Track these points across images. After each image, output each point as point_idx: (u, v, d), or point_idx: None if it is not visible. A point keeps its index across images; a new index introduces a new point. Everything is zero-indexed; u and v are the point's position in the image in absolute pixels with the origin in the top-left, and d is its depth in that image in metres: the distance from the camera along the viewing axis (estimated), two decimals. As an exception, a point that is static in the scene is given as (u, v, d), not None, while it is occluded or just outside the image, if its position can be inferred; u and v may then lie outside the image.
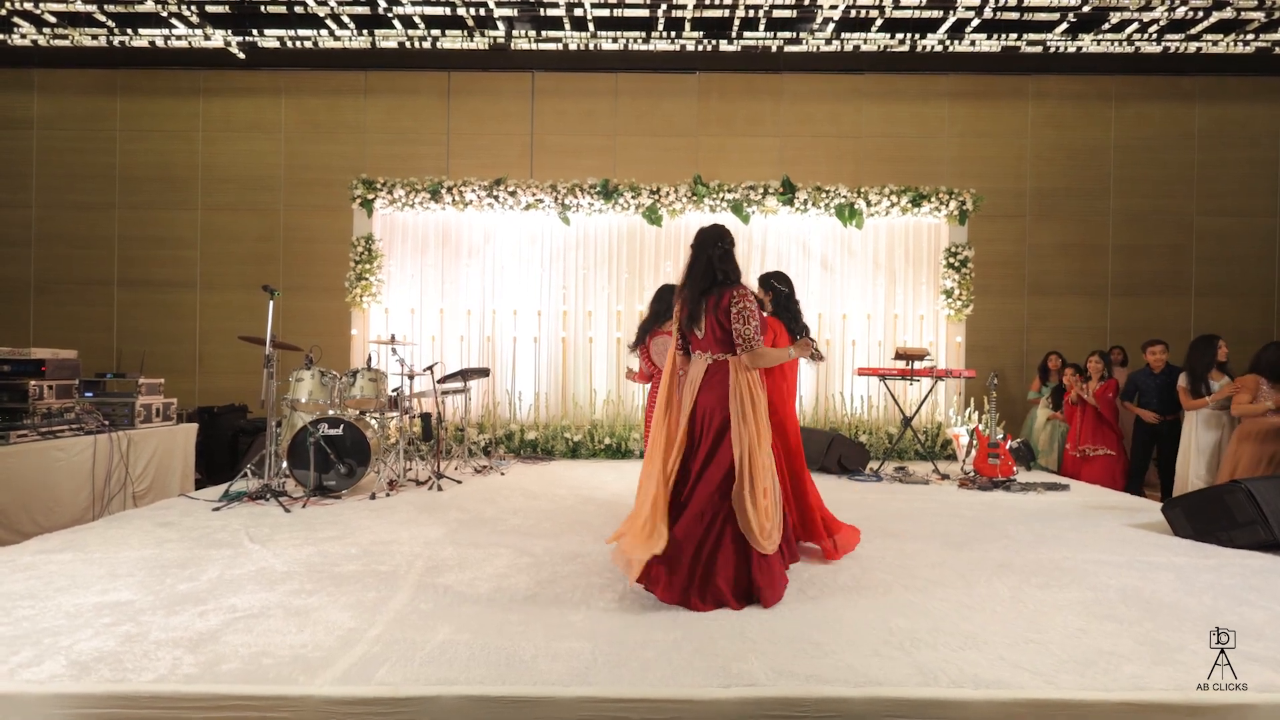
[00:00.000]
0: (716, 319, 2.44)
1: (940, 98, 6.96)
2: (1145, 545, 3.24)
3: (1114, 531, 3.51)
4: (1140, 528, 3.58)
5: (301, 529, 3.37)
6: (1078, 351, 6.15)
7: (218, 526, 3.41)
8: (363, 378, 4.44)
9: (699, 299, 2.47)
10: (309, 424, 4.05)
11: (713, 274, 2.47)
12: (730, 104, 6.92)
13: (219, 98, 6.89)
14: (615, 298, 6.57)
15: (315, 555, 2.92)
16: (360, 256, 6.37)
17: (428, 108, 6.90)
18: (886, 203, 6.38)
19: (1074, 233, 6.97)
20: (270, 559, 2.85)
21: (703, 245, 2.52)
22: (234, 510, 3.77)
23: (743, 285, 2.48)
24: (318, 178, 6.81)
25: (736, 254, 2.56)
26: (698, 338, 2.51)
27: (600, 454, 6.22)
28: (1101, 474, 4.95)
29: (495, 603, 2.36)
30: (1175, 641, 2.09)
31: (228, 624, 2.14)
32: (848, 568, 2.84)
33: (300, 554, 2.93)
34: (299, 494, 4.05)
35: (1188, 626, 2.21)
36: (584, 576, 2.69)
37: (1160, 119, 6.99)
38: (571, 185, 6.35)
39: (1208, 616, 2.31)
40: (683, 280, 2.56)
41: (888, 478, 5.13)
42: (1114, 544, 3.26)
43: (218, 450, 5.58)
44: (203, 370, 6.81)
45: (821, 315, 6.63)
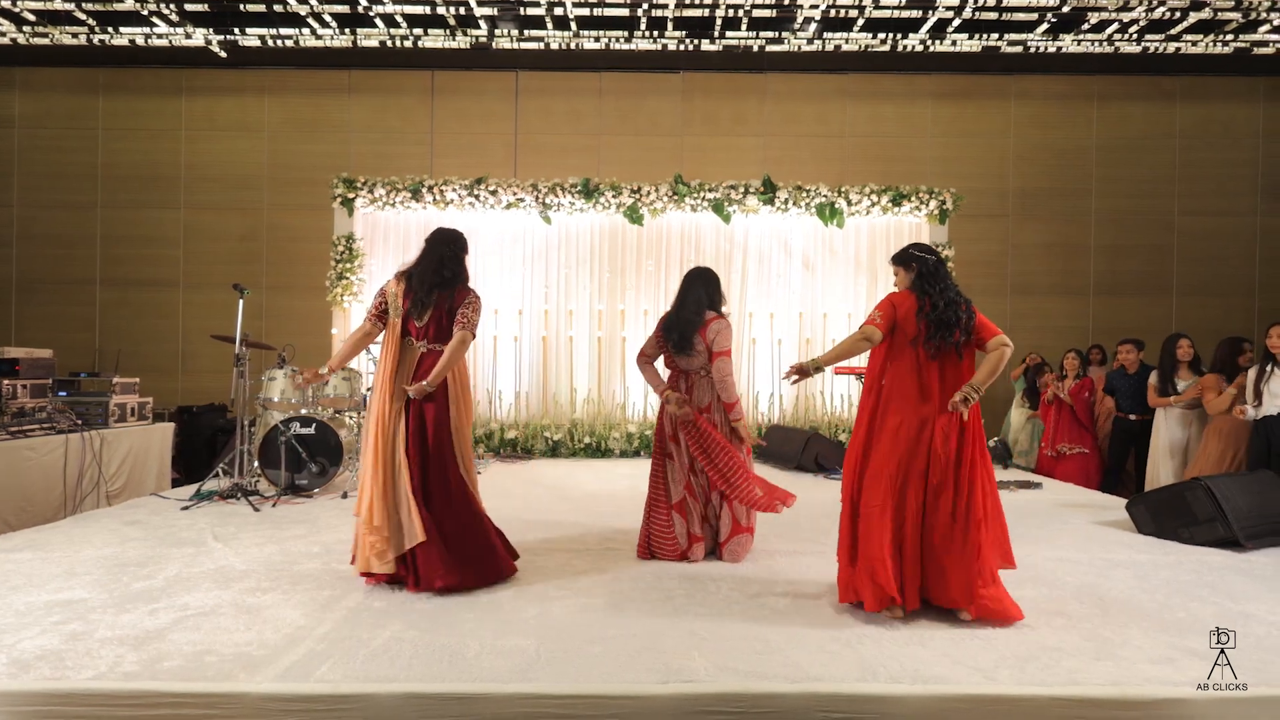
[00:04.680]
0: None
1: (924, 97, 6.97)
2: (1108, 543, 3.25)
3: (1080, 529, 3.52)
4: (1106, 525, 3.59)
5: (268, 528, 3.37)
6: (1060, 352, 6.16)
7: (184, 525, 3.41)
8: (337, 377, 4.43)
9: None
10: (280, 423, 4.05)
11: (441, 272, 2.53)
12: (714, 103, 6.93)
13: (202, 96, 6.88)
14: (596, 297, 6.57)
15: (277, 554, 2.93)
16: (341, 256, 6.36)
17: (412, 107, 6.90)
18: (867, 202, 6.39)
19: (1057, 232, 6.99)
20: (231, 557, 2.86)
21: (436, 244, 2.58)
22: (203, 509, 3.77)
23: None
24: (302, 177, 6.81)
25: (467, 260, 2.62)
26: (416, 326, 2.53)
27: (580, 453, 6.22)
28: (1076, 472, 4.96)
29: (450, 601, 2.37)
30: (1120, 638, 2.10)
31: (176, 622, 2.15)
32: (809, 567, 2.85)
33: (262, 553, 2.94)
34: (271, 493, 4.05)
35: (1135, 623, 2.23)
36: (547, 574, 2.70)
37: (1142, 119, 7.01)
38: (553, 184, 6.36)
39: (1158, 613, 2.32)
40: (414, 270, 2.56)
41: (864, 476, 5.14)
42: (1078, 541, 3.27)
43: (196, 450, 5.58)
44: (185, 370, 6.81)
45: (803, 314, 6.64)
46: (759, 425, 6.32)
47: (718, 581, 2.63)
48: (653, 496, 2.93)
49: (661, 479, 2.91)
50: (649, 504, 2.94)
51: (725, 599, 2.44)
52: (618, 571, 2.74)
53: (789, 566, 2.85)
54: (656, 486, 2.92)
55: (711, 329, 2.85)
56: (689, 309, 2.86)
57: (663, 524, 2.88)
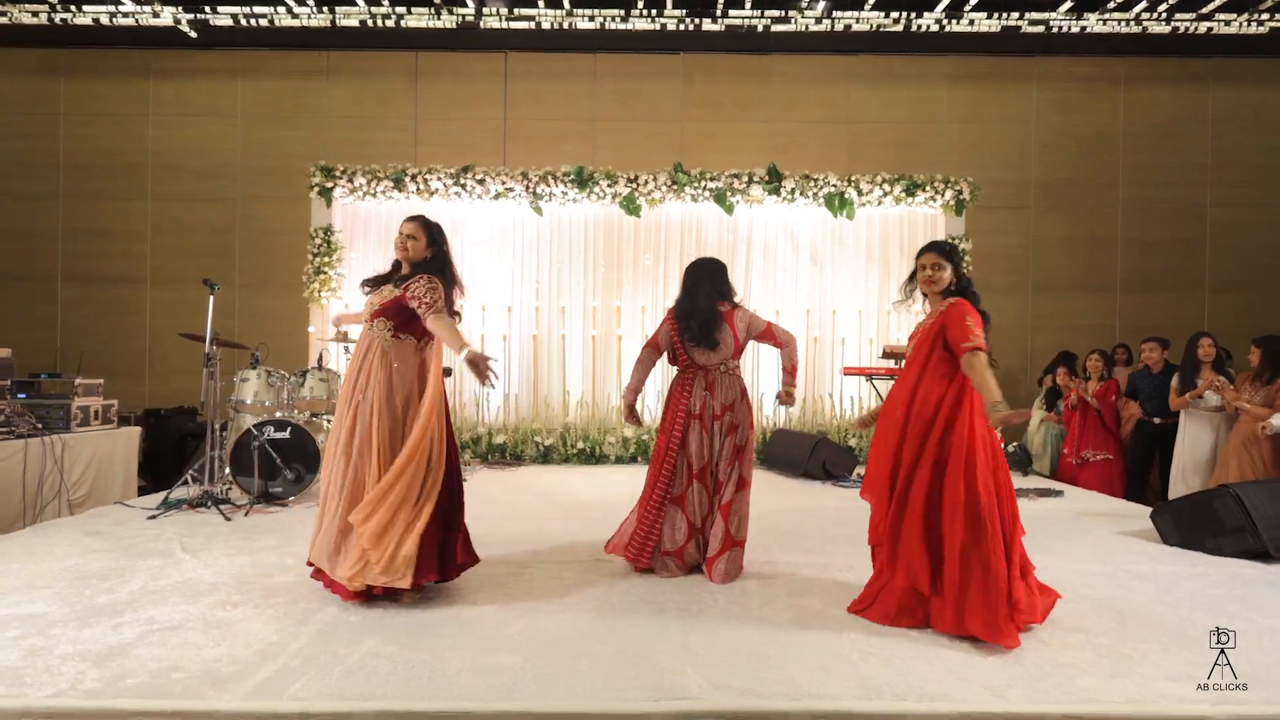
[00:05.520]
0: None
1: (939, 81, 7.00)
2: (1131, 553, 3.28)
3: (1102, 539, 3.55)
4: (1129, 535, 3.62)
5: (239, 538, 3.39)
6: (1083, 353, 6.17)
7: (150, 536, 3.43)
8: (313, 378, 4.46)
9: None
10: (253, 427, 4.08)
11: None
12: (716, 87, 6.96)
13: (171, 79, 6.90)
14: (591, 293, 6.60)
15: (249, 565, 2.95)
16: (318, 249, 6.39)
17: (394, 91, 6.92)
18: (879, 192, 6.42)
19: (1081, 225, 7.01)
20: (200, 570, 2.88)
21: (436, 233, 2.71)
22: (171, 518, 3.79)
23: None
24: (277, 165, 6.82)
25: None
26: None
27: (573, 459, 6.24)
28: (1099, 479, 4.99)
29: (430, 614, 2.39)
30: (1139, 653, 2.13)
31: (142, 637, 2.17)
32: (810, 580, 2.87)
33: (233, 564, 2.96)
34: (243, 502, 4.07)
35: (1155, 638, 2.25)
36: (534, 587, 2.72)
37: (1171, 103, 7.03)
38: (544, 173, 6.38)
39: (1181, 628, 2.35)
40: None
41: (875, 484, 5.16)
42: (1099, 552, 3.30)
43: (164, 455, 5.60)
44: (153, 371, 6.83)
45: (810, 311, 6.67)
46: (763, 430, 6.35)
47: (714, 594, 2.65)
48: (654, 490, 2.87)
49: (670, 467, 2.86)
50: (644, 497, 2.90)
51: (722, 611, 2.47)
52: (609, 584, 2.77)
53: (790, 578, 2.87)
54: (663, 474, 2.86)
55: (739, 317, 2.88)
56: (703, 300, 2.86)
57: (652, 520, 2.85)
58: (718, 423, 2.86)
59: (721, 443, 2.86)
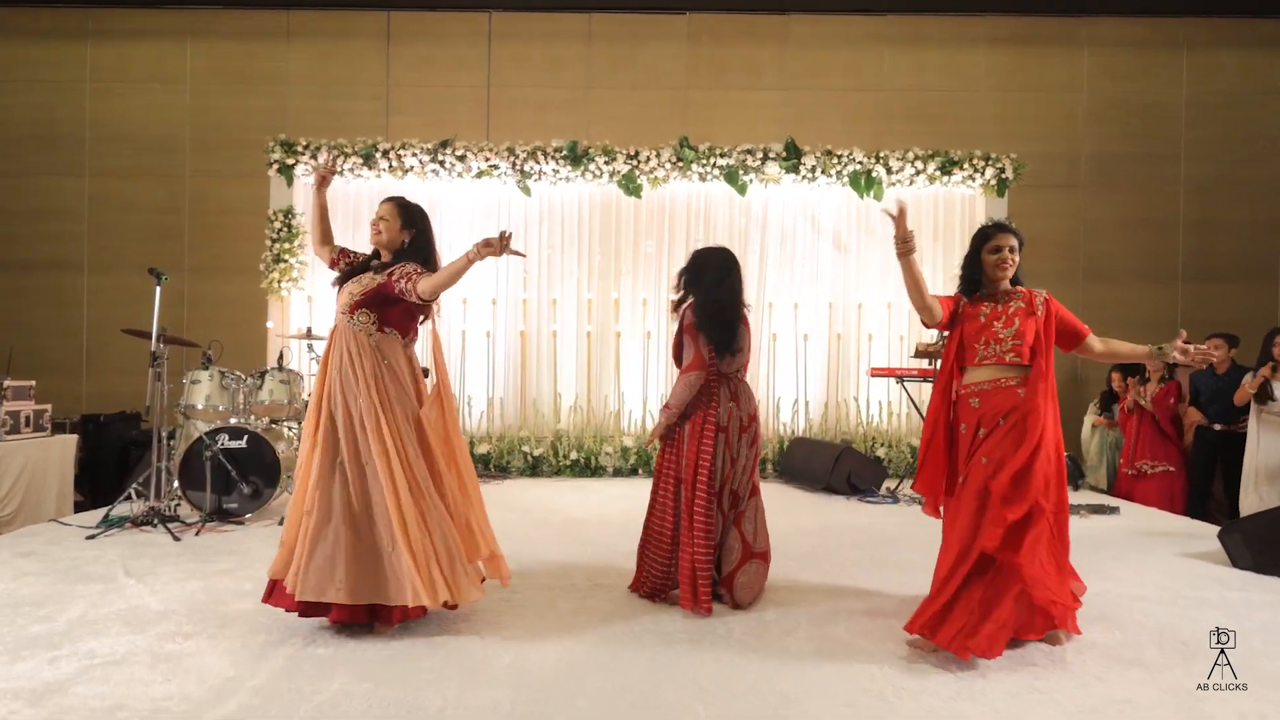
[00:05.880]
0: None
1: (977, 44, 6.99)
2: (1196, 578, 3.28)
3: (1162, 562, 3.56)
4: (1194, 557, 3.63)
5: (190, 560, 3.40)
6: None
7: (90, 558, 3.43)
8: (273, 379, 4.46)
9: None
10: (205, 435, 4.07)
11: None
12: (725, 50, 6.94)
13: (111, 41, 6.88)
14: (585, 284, 6.59)
15: (201, 591, 2.95)
16: (278, 233, 6.38)
17: (363, 54, 6.91)
18: (910, 170, 6.42)
19: (1138, 206, 7.01)
20: (146, 596, 2.88)
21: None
22: (113, 538, 3.79)
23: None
24: (231, 138, 6.81)
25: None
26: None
27: (565, 471, 6.24)
28: (1159, 494, 5.00)
29: (407, 646, 2.39)
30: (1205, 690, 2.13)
31: (82, 672, 2.17)
32: (835, 608, 2.87)
33: (184, 590, 2.96)
34: (195, 519, 4.07)
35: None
36: (524, 616, 2.72)
37: (1238, 70, 7.03)
38: (533, 149, 6.37)
39: (1251, 662, 2.35)
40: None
41: (906, 499, 5.17)
42: (1160, 577, 3.30)
43: (104, 467, 5.60)
44: (91, 370, 6.81)
45: (833, 304, 6.67)
46: (781, 439, 6.35)
47: (728, 623, 2.66)
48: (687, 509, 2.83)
49: (669, 502, 2.87)
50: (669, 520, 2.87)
51: (738, 643, 2.47)
52: (609, 612, 2.77)
53: (813, 605, 2.86)
54: (663, 509, 2.88)
55: (749, 322, 2.96)
56: (737, 296, 2.90)
57: (663, 552, 2.85)
58: (744, 435, 2.90)
59: (748, 455, 2.91)
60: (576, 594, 2.99)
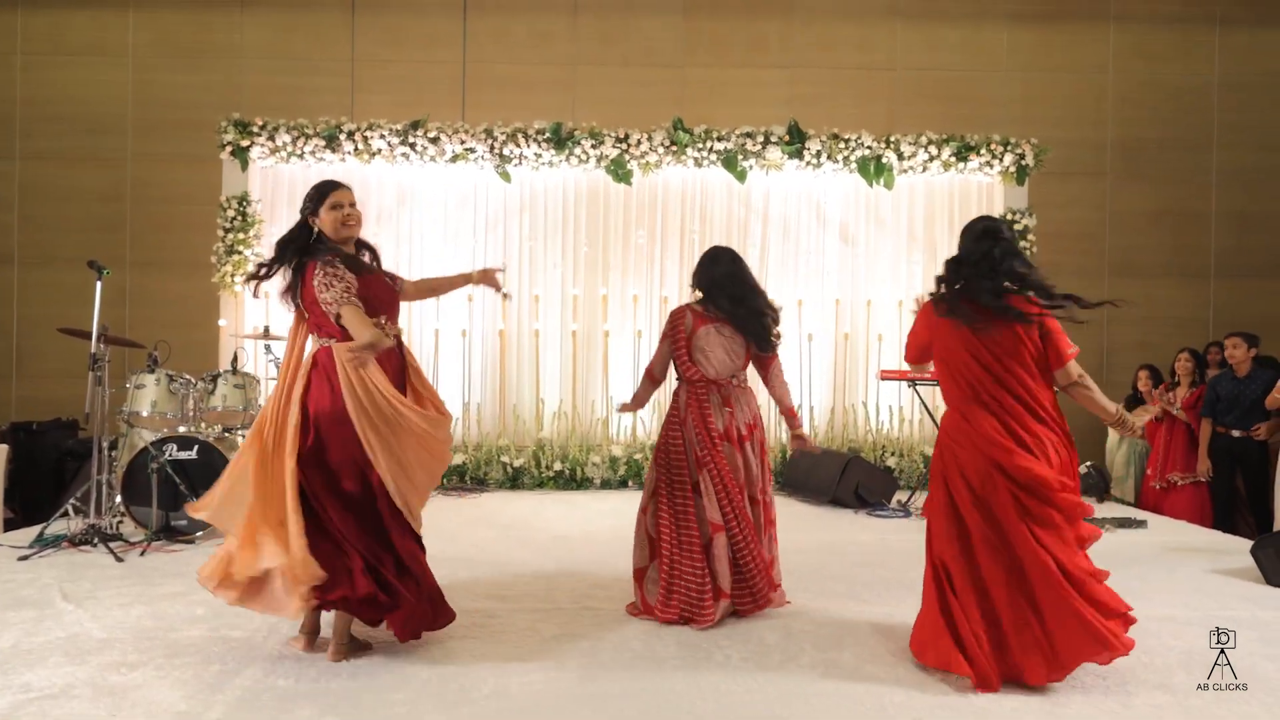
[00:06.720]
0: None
1: (997, 20, 7.07)
2: (1226, 596, 3.34)
3: (1191, 579, 3.63)
4: (1225, 574, 3.70)
5: (135, 583, 3.38)
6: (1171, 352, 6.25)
7: (24, 581, 3.41)
8: (226, 383, 4.45)
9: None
10: (151, 445, 4.06)
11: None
12: (725, 24, 6.99)
13: (45, 10, 6.84)
14: (571, 278, 6.61)
15: (148, 617, 2.95)
16: (231, 223, 6.36)
17: (327, 25, 6.90)
18: (924, 155, 6.48)
19: (1168, 196, 7.11)
20: (87, 623, 2.88)
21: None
22: (48, 559, 3.77)
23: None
24: (179, 117, 6.78)
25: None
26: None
27: (548, 483, 6.26)
28: (1189, 507, 5.08)
29: (378, 676, 2.40)
30: (1236, 717, 2.18)
31: (16, 707, 2.17)
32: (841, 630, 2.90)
33: (128, 615, 2.96)
34: (139, 537, 4.05)
35: (1257, 698, 2.31)
36: (504, 641, 2.73)
37: (1277, 50, 7.14)
38: (513, 130, 6.39)
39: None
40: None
41: (918, 512, 5.22)
42: (1188, 595, 3.37)
43: (38, 480, 5.57)
44: (23, 373, 6.76)
45: (840, 301, 6.72)
46: (783, 446, 6.39)
47: (725, 648, 2.68)
48: (674, 537, 2.94)
49: (690, 513, 2.95)
50: (668, 547, 2.95)
51: (736, 667, 2.50)
52: (597, 635, 2.79)
53: (817, 626, 2.90)
54: (685, 522, 2.95)
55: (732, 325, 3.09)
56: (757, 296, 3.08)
57: (696, 569, 2.89)
58: (746, 443, 3.00)
59: (759, 466, 3.04)
60: (561, 616, 3.01)
